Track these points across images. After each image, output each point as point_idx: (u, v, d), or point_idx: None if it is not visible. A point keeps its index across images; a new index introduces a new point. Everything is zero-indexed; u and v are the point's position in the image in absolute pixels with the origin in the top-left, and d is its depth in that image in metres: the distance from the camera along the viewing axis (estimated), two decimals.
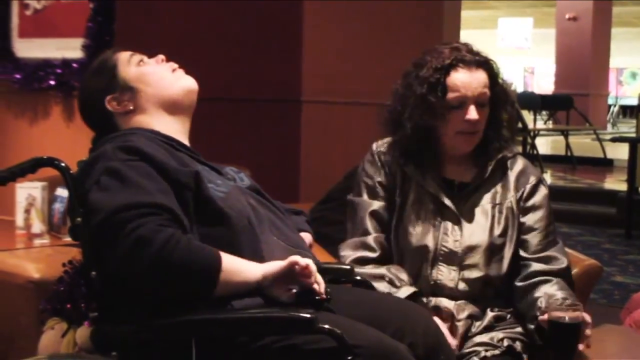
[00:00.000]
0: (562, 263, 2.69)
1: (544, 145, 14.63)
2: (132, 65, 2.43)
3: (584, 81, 16.52)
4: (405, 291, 2.62)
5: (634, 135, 10.83)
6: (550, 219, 2.75)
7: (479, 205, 2.72)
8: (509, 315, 2.70)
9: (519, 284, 2.68)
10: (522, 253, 2.71)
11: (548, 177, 11.38)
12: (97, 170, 2.18)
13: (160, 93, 2.41)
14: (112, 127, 2.42)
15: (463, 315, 2.65)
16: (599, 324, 2.68)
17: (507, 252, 2.70)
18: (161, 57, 2.48)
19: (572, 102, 13.49)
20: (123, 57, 2.45)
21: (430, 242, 2.68)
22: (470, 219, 2.70)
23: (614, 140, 9.80)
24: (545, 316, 2.42)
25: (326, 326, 2.03)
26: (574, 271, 2.83)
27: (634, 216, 8.34)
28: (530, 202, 2.74)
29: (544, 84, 27.32)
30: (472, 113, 2.64)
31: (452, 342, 2.56)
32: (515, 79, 28.12)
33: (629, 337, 2.77)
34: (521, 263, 2.71)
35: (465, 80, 2.64)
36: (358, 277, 2.64)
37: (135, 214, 2.06)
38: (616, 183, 10.53)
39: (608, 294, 6.07)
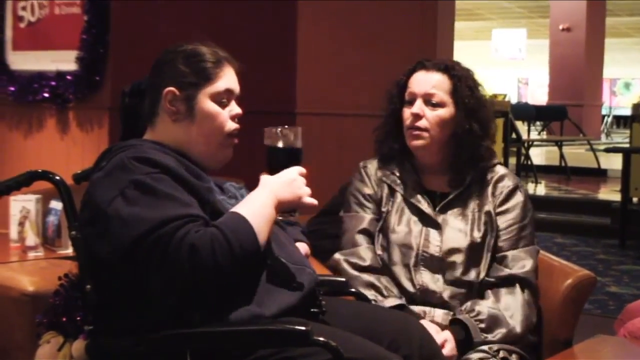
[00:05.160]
0: (523, 267, 2.74)
1: (538, 155, 14.66)
2: (215, 99, 2.33)
3: (578, 92, 16.56)
4: (391, 301, 2.67)
5: (627, 145, 10.85)
6: (523, 224, 2.81)
7: (459, 213, 2.80)
8: None
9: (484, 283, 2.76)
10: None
11: (542, 188, 11.40)
12: (120, 181, 2.13)
13: (201, 141, 2.33)
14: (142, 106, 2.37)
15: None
16: (593, 334, 2.68)
17: (486, 256, 2.77)
18: (238, 113, 2.38)
19: (566, 113, 13.52)
20: (222, 83, 2.34)
21: (412, 246, 2.77)
22: (451, 225, 2.78)
23: (607, 150, 9.84)
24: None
25: (321, 339, 2.03)
26: (568, 282, 2.84)
27: (628, 226, 8.34)
28: (504, 207, 2.81)
29: (538, 95, 27.40)
30: (415, 106, 2.79)
31: (450, 352, 2.58)
32: (509, 89, 28.18)
33: (623, 347, 2.77)
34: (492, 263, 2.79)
35: (418, 78, 2.83)
36: (353, 290, 2.67)
37: (177, 225, 2.05)
38: (610, 193, 10.54)
39: (603, 304, 6.07)
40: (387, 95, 2.93)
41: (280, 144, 2.31)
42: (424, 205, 2.80)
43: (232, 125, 2.36)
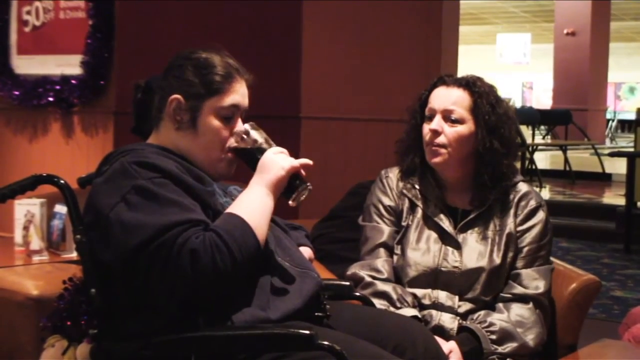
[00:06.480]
0: (537, 288, 2.73)
1: (543, 160, 14.64)
2: (220, 113, 2.31)
3: (583, 96, 16.53)
4: (406, 312, 2.65)
5: (632, 149, 10.84)
6: (540, 244, 2.79)
7: (480, 232, 2.77)
8: None
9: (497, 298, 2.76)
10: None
11: (547, 192, 11.38)
12: (121, 187, 2.12)
13: (201, 153, 2.32)
14: (149, 109, 2.39)
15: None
16: (598, 339, 2.68)
17: (504, 276, 2.76)
18: (244, 130, 2.34)
19: (571, 117, 13.50)
20: (229, 99, 2.31)
21: (430, 265, 2.74)
22: (470, 245, 2.75)
23: (612, 155, 9.81)
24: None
25: (326, 342, 2.03)
26: (573, 286, 2.84)
27: (632, 231, 8.33)
28: (525, 225, 2.79)
29: (543, 99, 27.40)
30: (433, 123, 2.76)
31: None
32: (514, 94, 28.17)
33: (628, 352, 2.77)
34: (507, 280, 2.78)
35: (438, 94, 2.80)
36: (357, 294, 2.67)
37: (179, 231, 2.05)
38: (615, 198, 10.53)
39: (607, 308, 6.06)
40: (408, 110, 2.90)
41: (243, 146, 2.33)
42: (445, 224, 2.77)
43: (233, 143, 2.35)
